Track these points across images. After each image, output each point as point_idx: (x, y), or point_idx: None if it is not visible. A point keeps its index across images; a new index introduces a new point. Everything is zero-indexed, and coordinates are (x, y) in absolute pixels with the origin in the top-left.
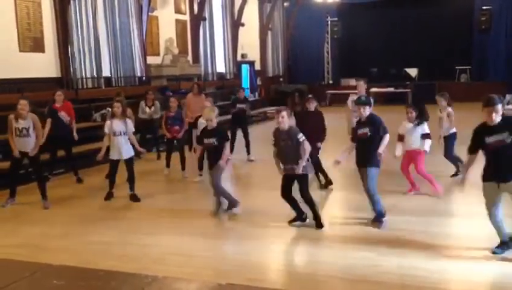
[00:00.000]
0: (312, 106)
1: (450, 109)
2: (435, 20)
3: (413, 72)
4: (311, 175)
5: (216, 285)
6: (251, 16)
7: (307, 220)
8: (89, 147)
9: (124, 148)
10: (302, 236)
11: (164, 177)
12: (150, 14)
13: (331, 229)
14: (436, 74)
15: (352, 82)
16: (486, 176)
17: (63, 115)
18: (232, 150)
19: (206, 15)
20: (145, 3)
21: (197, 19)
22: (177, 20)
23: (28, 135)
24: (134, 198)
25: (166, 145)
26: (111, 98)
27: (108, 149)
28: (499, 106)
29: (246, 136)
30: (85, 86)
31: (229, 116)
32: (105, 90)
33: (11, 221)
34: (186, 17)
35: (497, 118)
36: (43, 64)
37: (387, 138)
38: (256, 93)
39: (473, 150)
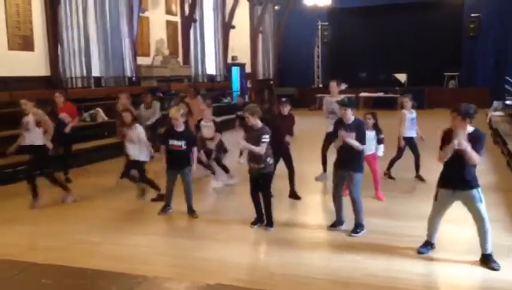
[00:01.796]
0: (286, 110)
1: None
2: (425, 27)
3: (402, 77)
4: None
5: (205, 285)
6: (242, 19)
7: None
8: (78, 146)
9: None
10: (289, 239)
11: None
12: (140, 14)
13: (318, 233)
14: (425, 80)
15: (342, 86)
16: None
17: (64, 116)
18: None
19: (197, 17)
20: (135, 3)
21: (188, 21)
22: (168, 21)
23: (28, 129)
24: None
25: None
26: (100, 98)
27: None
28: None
29: None
30: (74, 86)
31: (220, 118)
32: (94, 90)
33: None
34: (177, 19)
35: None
36: (32, 63)
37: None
38: (246, 96)
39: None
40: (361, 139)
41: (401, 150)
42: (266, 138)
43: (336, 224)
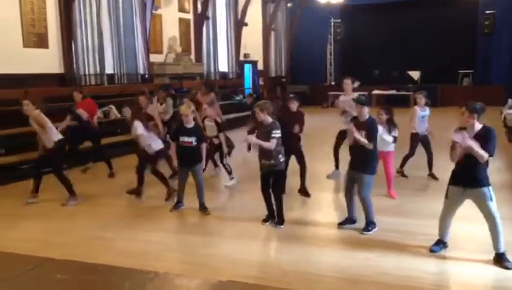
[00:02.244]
0: (294, 106)
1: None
2: (439, 24)
3: (415, 75)
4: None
5: (217, 282)
6: (254, 16)
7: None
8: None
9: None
10: (300, 236)
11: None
12: (153, 12)
13: (330, 230)
14: (438, 78)
15: (355, 84)
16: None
17: (81, 111)
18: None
19: (210, 14)
20: (148, 1)
21: (201, 18)
22: (180, 19)
23: (36, 129)
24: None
25: None
26: (113, 95)
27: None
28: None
29: None
30: (88, 83)
31: (231, 116)
32: (108, 88)
33: (15, 216)
34: (190, 16)
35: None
36: (46, 60)
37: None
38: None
39: None
40: (371, 137)
41: (413, 147)
42: (277, 133)
43: (345, 222)
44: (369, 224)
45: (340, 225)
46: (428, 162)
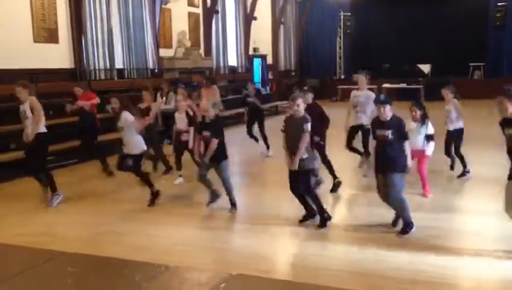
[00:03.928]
0: (309, 98)
1: (456, 101)
2: (449, 16)
3: (426, 68)
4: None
5: (227, 275)
6: (264, 10)
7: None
8: (101, 138)
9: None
10: (311, 231)
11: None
12: (163, 6)
13: (342, 226)
14: (449, 70)
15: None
16: None
17: (83, 103)
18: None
19: (219, 8)
20: None
21: (210, 12)
22: (190, 13)
23: (26, 117)
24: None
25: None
26: (123, 89)
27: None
28: None
29: (261, 130)
30: (98, 78)
31: (239, 110)
32: (117, 82)
33: (27, 210)
34: (199, 10)
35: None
36: (57, 55)
37: (407, 144)
38: (268, 88)
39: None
40: (397, 134)
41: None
42: (308, 126)
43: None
44: (406, 225)
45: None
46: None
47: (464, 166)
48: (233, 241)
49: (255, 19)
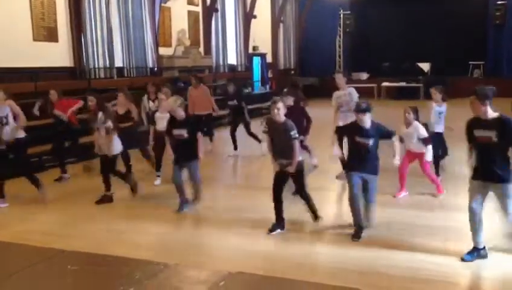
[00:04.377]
0: (289, 100)
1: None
2: (449, 15)
3: (425, 66)
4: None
5: (226, 273)
6: (263, 8)
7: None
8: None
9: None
10: (309, 231)
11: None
12: (162, 5)
13: (340, 225)
14: (449, 69)
15: (363, 76)
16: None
17: (59, 113)
18: (235, 147)
19: (219, 7)
20: None
21: (210, 11)
22: (189, 12)
23: (7, 123)
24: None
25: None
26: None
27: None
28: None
29: (247, 131)
30: (97, 76)
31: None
32: (117, 81)
33: (27, 208)
34: (199, 9)
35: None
36: (56, 54)
37: (397, 140)
38: (268, 86)
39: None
40: (388, 135)
41: (435, 147)
42: (294, 133)
43: (360, 232)
44: (360, 228)
45: (356, 238)
46: (436, 162)
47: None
48: (232, 239)
49: (255, 17)
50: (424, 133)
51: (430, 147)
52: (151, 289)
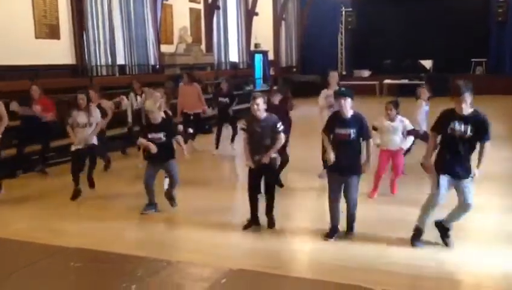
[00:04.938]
0: (276, 99)
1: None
2: (451, 12)
3: (427, 64)
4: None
5: (228, 270)
6: (265, 6)
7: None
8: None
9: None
10: (309, 228)
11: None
12: (164, 2)
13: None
14: (451, 66)
15: (365, 73)
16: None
17: (36, 109)
18: (217, 146)
19: (220, 4)
20: None
21: (211, 8)
22: (191, 9)
23: None
24: None
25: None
26: (125, 86)
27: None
28: (466, 95)
29: (233, 130)
30: (99, 74)
31: (243, 106)
32: (119, 78)
33: (29, 205)
34: (200, 6)
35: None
36: (58, 52)
37: (371, 143)
38: (269, 83)
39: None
40: (365, 134)
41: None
42: (280, 125)
43: (334, 232)
44: (352, 229)
45: (329, 237)
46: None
47: None
48: (233, 237)
49: (257, 14)
50: (410, 125)
51: (412, 138)
52: (153, 286)
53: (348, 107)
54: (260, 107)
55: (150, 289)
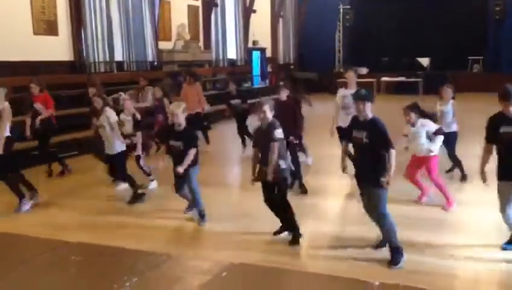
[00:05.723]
0: (283, 95)
1: (453, 102)
2: (448, 10)
3: (425, 61)
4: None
5: (229, 263)
6: (263, 3)
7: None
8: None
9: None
10: (308, 227)
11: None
12: None
13: (343, 220)
14: (448, 64)
15: (363, 71)
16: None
17: (39, 106)
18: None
19: (218, 1)
20: None
21: (209, 5)
22: (189, 6)
23: None
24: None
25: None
26: (123, 82)
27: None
28: None
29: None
30: (98, 70)
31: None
32: (117, 75)
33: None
34: (198, 3)
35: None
36: (56, 48)
37: (393, 154)
38: (267, 81)
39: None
40: (373, 138)
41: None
42: (278, 133)
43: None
44: (394, 252)
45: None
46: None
47: (461, 170)
48: (234, 232)
49: (254, 11)
50: (433, 126)
51: (441, 138)
52: (154, 280)
53: (368, 112)
54: (267, 114)
55: (150, 282)
